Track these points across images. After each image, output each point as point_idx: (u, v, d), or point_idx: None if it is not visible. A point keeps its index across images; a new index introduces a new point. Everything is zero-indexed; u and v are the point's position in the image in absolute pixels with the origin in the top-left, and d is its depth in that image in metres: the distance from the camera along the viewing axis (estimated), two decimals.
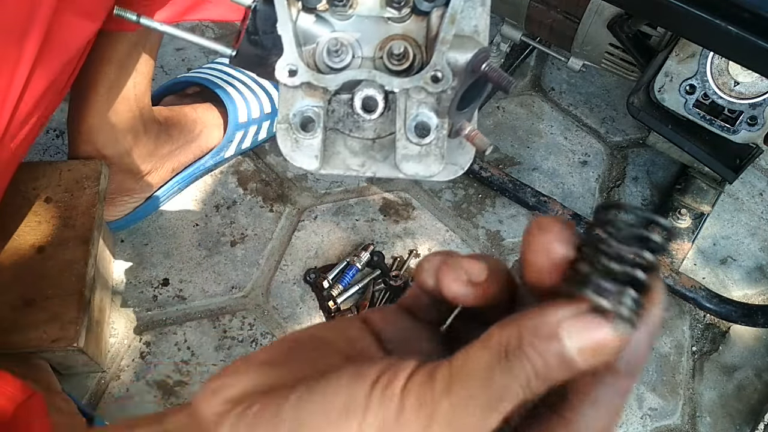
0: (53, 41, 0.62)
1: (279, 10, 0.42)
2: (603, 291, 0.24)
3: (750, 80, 0.87)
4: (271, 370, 0.28)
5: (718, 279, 1.16)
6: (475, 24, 0.45)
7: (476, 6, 0.45)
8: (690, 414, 1.05)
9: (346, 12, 0.44)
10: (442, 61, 0.42)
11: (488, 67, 0.42)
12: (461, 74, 0.43)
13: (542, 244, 0.26)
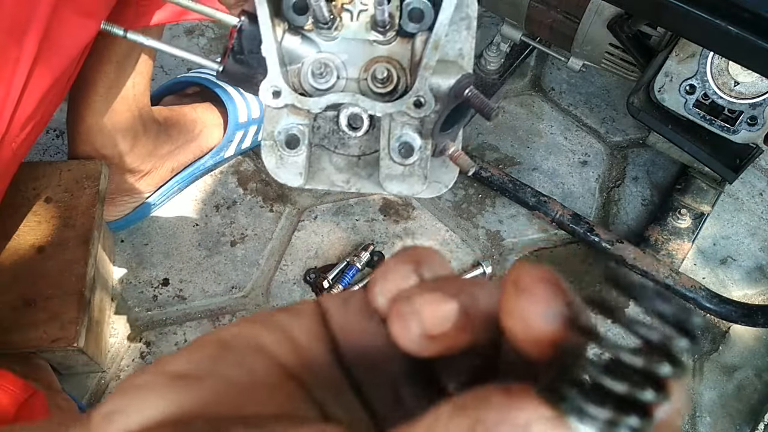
0: (54, 41, 0.62)
1: (264, 32, 0.42)
2: (587, 416, 0.18)
3: (750, 80, 0.87)
4: (187, 389, 0.21)
5: (718, 279, 1.16)
6: (459, 47, 0.45)
7: (461, 30, 0.45)
8: (690, 414, 1.05)
9: (331, 34, 0.44)
10: (424, 86, 0.42)
11: (471, 93, 0.42)
12: (444, 99, 0.43)
13: (519, 310, 0.20)
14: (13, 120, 0.61)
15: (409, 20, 0.44)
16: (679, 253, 1.12)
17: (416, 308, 0.21)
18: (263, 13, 0.41)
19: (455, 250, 1.15)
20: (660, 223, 1.14)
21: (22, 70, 0.60)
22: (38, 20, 0.59)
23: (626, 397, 0.19)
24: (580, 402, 0.18)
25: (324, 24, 0.43)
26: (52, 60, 0.63)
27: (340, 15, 0.44)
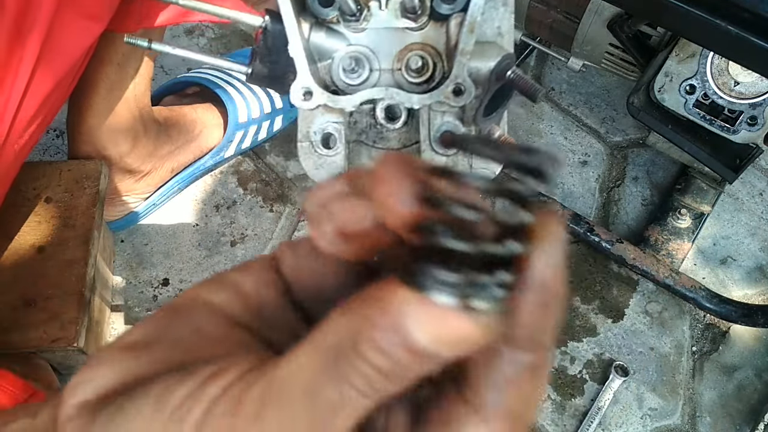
0: (56, 43, 0.62)
1: (289, 30, 0.39)
2: (444, 284, 0.18)
3: (750, 80, 0.87)
4: (139, 356, 0.23)
5: (718, 279, 1.16)
6: (498, 26, 0.42)
7: (498, 6, 0.42)
8: (690, 414, 1.05)
9: (359, 25, 0.42)
10: (463, 72, 0.39)
11: (514, 74, 0.40)
12: (485, 82, 0.40)
13: (379, 198, 0.21)
14: (15, 122, 0.61)
15: (442, 1, 0.41)
16: (679, 253, 1.12)
17: (329, 209, 0.22)
18: (287, 10, 0.39)
19: None
20: (660, 223, 1.14)
21: (24, 73, 0.59)
22: (40, 23, 0.59)
23: (481, 257, 0.19)
24: (431, 273, 0.18)
25: (351, 16, 0.41)
26: (55, 62, 0.63)
27: (368, 4, 0.41)
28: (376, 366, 0.18)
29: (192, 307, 0.24)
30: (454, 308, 0.18)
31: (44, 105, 0.64)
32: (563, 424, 1.02)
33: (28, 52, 0.59)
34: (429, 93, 0.40)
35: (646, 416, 1.03)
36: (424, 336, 0.18)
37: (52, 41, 0.61)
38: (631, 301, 1.12)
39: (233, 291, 0.25)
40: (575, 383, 1.05)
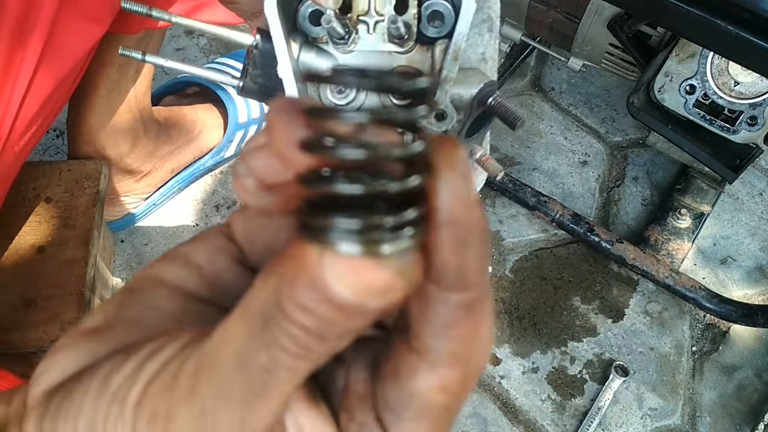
0: (57, 45, 0.62)
1: (278, 52, 0.40)
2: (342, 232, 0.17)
3: (750, 80, 0.87)
4: (97, 340, 0.23)
5: (718, 279, 1.16)
6: (482, 51, 0.43)
7: (483, 33, 0.43)
8: (690, 414, 1.05)
9: (347, 48, 0.42)
10: (445, 99, 0.40)
11: (495, 101, 0.40)
12: (467, 108, 0.41)
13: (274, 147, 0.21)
14: (16, 123, 0.61)
15: (428, 24, 0.41)
16: (679, 253, 1.12)
17: (249, 162, 0.22)
18: (277, 31, 0.39)
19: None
20: (660, 223, 1.14)
21: (26, 73, 0.59)
22: (42, 24, 0.59)
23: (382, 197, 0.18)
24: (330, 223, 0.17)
25: (339, 39, 0.41)
26: (56, 64, 0.63)
27: (356, 27, 0.42)
28: (303, 326, 0.18)
29: (148, 286, 0.24)
30: (363, 256, 0.17)
31: (45, 106, 0.64)
32: (563, 424, 1.02)
33: (30, 52, 0.59)
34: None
35: (646, 416, 1.03)
36: (344, 289, 0.17)
37: (53, 42, 0.61)
38: (631, 301, 1.12)
39: (186, 264, 0.24)
40: (575, 383, 1.05)
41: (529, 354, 1.07)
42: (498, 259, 1.15)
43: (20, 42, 0.58)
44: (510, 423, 1.01)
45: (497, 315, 1.10)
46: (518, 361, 1.06)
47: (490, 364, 1.06)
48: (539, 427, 1.02)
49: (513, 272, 1.14)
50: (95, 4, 0.65)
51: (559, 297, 1.12)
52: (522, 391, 1.04)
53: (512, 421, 1.02)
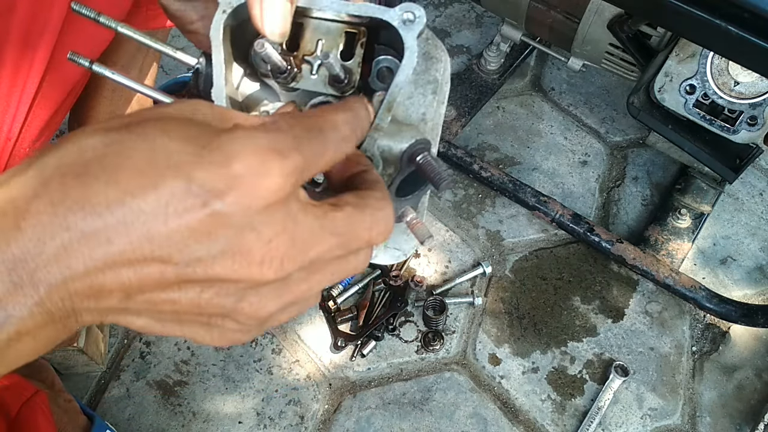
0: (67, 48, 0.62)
1: (216, 77, 0.40)
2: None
3: (750, 80, 0.88)
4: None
5: (718, 279, 1.16)
6: (423, 112, 0.43)
7: (427, 94, 0.43)
8: (690, 414, 1.05)
9: (288, 84, 0.42)
10: (372, 147, 0.39)
11: (423, 160, 0.40)
12: (395, 162, 0.41)
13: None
14: (25, 126, 0.61)
15: (378, 79, 0.42)
16: (679, 253, 1.12)
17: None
18: (217, 55, 0.40)
19: (455, 249, 1.15)
20: (660, 223, 1.14)
21: (35, 78, 0.59)
22: (51, 28, 0.58)
23: None
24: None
25: (281, 74, 0.41)
26: (66, 68, 0.63)
27: (300, 66, 0.42)
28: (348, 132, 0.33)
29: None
30: None
31: (58, 112, 0.65)
32: (563, 424, 1.02)
33: (39, 56, 0.59)
34: None
35: (646, 416, 1.03)
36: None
37: (63, 46, 0.61)
38: (631, 301, 1.12)
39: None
40: (575, 383, 1.05)
41: (529, 354, 1.07)
42: (498, 259, 1.15)
43: (30, 45, 0.58)
44: (510, 423, 1.01)
45: (497, 315, 1.10)
46: (518, 361, 1.06)
47: (490, 364, 1.06)
48: (539, 427, 1.02)
49: (513, 272, 1.14)
50: (103, 8, 0.65)
51: (559, 297, 1.12)
52: (522, 391, 1.04)
53: (512, 421, 1.02)
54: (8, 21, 0.55)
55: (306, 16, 0.42)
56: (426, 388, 1.03)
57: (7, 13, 0.55)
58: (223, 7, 0.39)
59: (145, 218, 0.26)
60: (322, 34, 0.42)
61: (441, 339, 1.06)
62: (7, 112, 0.57)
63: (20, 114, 0.59)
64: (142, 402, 0.99)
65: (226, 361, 1.03)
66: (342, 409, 1.01)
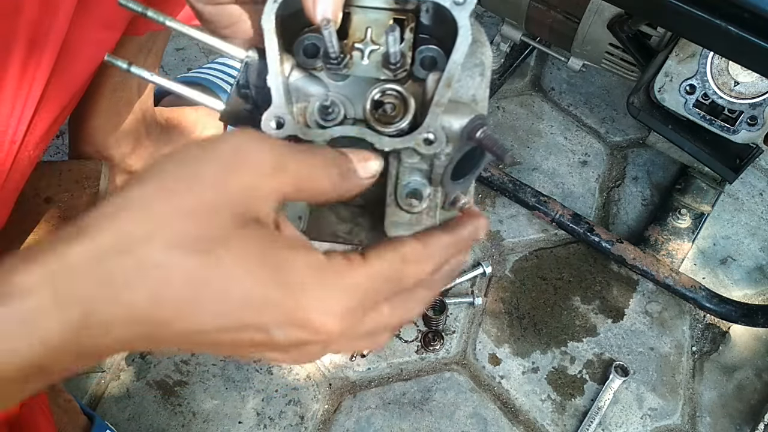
0: (72, 51, 0.62)
1: (270, 63, 0.40)
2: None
3: (750, 80, 0.88)
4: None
5: (718, 279, 1.16)
6: (473, 93, 0.44)
7: (475, 76, 0.44)
8: (690, 414, 1.05)
9: (340, 71, 0.43)
10: (435, 123, 0.40)
11: (483, 134, 0.40)
12: (455, 140, 0.41)
13: None
14: (31, 127, 0.61)
15: (422, 67, 0.43)
16: (679, 253, 1.12)
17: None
18: (271, 43, 0.40)
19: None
20: (660, 223, 1.14)
21: (40, 80, 0.59)
22: (57, 31, 0.58)
23: None
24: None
25: (334, 60, 0.42)
26: (71, 70, 0.63)
27: (351, 53, 0.43)
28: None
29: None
30: None
31: (63, 114, 0.65)
32: (563, 424, 1.02)
33: (45, 58, 0.58)
34: (400, 138, 0.41)
35: (646, 416, 1.03)
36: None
37: (68, 49, 0.61)
38: (631, 301, 1.13)
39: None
40: (575, 383, 1.05)
41: (529, 354, 1.07)
42: (498, 259, 1.15)
43: (36, 47, 0.57)
44: (510, 423, 1.01)
45: (497, 315, 1.10)
46: (518, 361, 1.06)
47: (490, 364, 1.06)
48: (539, 427, 1.02)
49: (513, 272, 1.14)
50: (109, 11, 0.65)
51: (559, 297, 1.12)
52: (522, 391, 1.04)
53: (512, 421, 1.02)
54: (15, 22, 0.55)
55: (352, 5, 0.42)
56: (426, 388, 1.03)
57: (13, 15, 0.55)
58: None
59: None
60: (370, 22, 0.43)
61: (441, 339, 1.06)
62: (12, 115, 0.57)
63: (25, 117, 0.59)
64: (142, 402, 0.99)
65: (226, 361, 1.03)
66: (342, 409, 1.01)
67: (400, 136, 0.41)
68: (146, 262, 0.30)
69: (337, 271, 0.34)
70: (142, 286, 0.30)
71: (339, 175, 0.36)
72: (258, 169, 0.32)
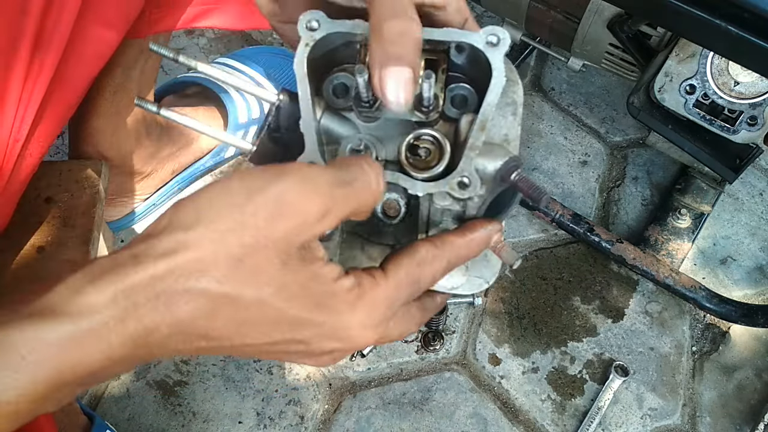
0: (77, 52, 0.62)
1: (303, 108, 0.40)
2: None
3: (750, 80, 0.88)
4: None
5: (718, 279, 1.16)
6: (505, 133, 0.44)
7: (507, 115, 0.44)
8: (690, 414, 1.05)
9: (372, 113, 0.43)
10: (470, 167, 0.40)
11: (519, 177, 0.40)
12: (489, 182, 0.41)
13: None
14: (36, 129, 0.61)
15: (452, 106, 0.43)
16: (679, 253, 1.12)
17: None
18: (304, 88, 0.40)
19: None
20: (660, 223, 1.14)
21: (44, 80, 0.59)
22: (63, 31, 0.58)
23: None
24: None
25: (365, 103, 0.41)
26: (76, 71, 0.63)
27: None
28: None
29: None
30: None
31: (66, 115, 0.65)
32: (563, 424, 1.02)
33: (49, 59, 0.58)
34: (435, 182, 0.40)
35: (646, 416, 1.03)
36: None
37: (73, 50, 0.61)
38: (631, 301, 1.12)
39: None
40: (575, 383, 1.05)
41: (529, 354, 1.07)
42: None
43: (41, 47, 0.57)
44: (510, 423, 1.01)
45: (497, 315, 1.10)
46: (518, 361, 1.06)
47: (490, 364, 1.06)
48: (539, 427, 1.02)
49: (513, 272, 1.14)
50: (112, 11, 0.65)
51: (559, 297, 1.12)
52: (522, 391, 1.04)
53: (512, 421, 1.02)
54: (20, 23, 0.55)
55: None
56: (426, 388, 1.03)
57: (18, 15, 0.55)
58: (306, 41, 0.40)
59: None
60: None
61: (441, 339, 1.06)
62: (16, 114, 0.57)
63: (29, 116, 0.59)
64: (142, 402, 0.99)
65: (226, 361, 1.03)
66: (342, 409, 1.01)
67: (433, 180, 0.41)
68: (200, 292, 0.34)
69: (365, 290, 0.38)
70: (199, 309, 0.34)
71: (381, 193, 0.38)
72: (302, 217, 0.35)
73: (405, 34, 0.37)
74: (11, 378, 0.32)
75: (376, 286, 0.38)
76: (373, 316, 0.38)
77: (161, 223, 0.36)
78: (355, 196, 0.37)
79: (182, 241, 0.34)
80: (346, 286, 0.37)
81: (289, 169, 0.36)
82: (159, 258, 0.34)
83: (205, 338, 0.35)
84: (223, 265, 0.34)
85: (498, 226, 0.42)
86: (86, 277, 0.34)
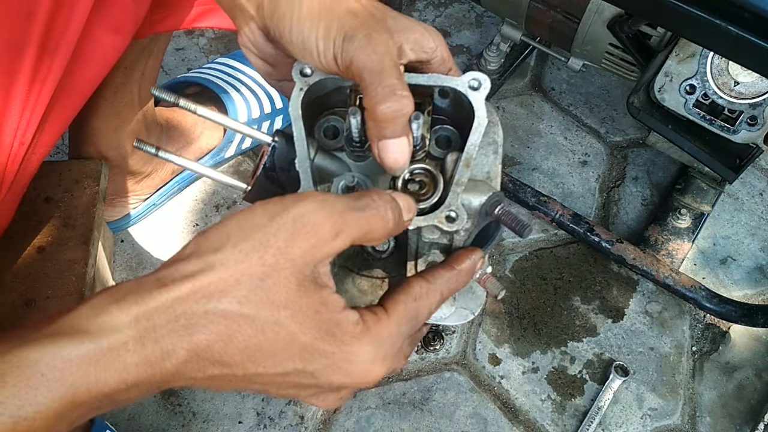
0: (84, 56, 0.62)
1: (298, 147, 0.43)
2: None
3: (750, 80, 0.87)
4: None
5: (718, 279, 1.16)
6: (487, 170, 0.46)
7: (489, 154, 0.46)
8: (690, 414, 1.05)
9: (363, 152, 0.45)
10: (456, 201, 0.42)
11: (502, 210, 0.43)
12: (474, 216, 0.44)
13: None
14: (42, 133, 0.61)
15: (437, 146, 0.45)
16: (679, 253, 1.12)
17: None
18: (299, 130, 0.43)
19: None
20: (660, 223, 1.14)
21: (51, 84, 0.59)
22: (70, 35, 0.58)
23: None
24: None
25: (356, 143, 0.44)
26: (82, 78, 0.63)
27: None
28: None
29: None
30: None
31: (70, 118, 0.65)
32: (563, 424, 1.02)
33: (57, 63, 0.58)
34: (423, 216, 0.43)
35: (646, 416, 1.03)
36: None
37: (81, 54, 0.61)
38: (631, 301, 1.12)
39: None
40: (575, 383, 1.05)
41: (529, 354, 1.07)
42: (498, 259, 1.15)
43: (47, 52, 0.57)
44: (510, 423, 1.01)
45: (497, 315, 1.10)
46: (518, 361, 1.06)
47: (490, 364, 1.06)
48: (539, 427, 1.02)
49: (513, 272, 1.14)
50: (120, 16, 0.65)
51: (559, 297, 1.12)
52: (522, 391, 1.04)
53: (512, 421, 1.02)
54: (27, 27, 0.55)
55: None
56: (426, 388, 1.03)
57: (26, 20, 0.55)
58: (300, 86, 0.43)
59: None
60: None
61: (441, 339, 1.06)
62: (22, 117, 0.57)
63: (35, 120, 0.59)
64: (142, 402, 0.99)
65: None
66: (342, 409, 1.01)
67: (422, 215, 0.43)
68: (219, 313, 0.35)
69: (369, 327, 0.40)
70: (216, 333, 0.35)
71: (393, 222, 0.40)
72: (318, 236, 0.37)
73: (397, 113, 0.41)
74: (30, 395, 0.32)
75: (379, 322, 0.40)
76: (380, 351, 0.39)
77: (187, 249, 0.37)
78: (366, 221, 0.39)
79: (210, 263, 0.36)
80: (352, 320, 0.39)
81: (306, 195, 0.38)
82: (183, 280, 0.35)
83: (219, 364, 0.36)
84: (246, 286, 0.36)
85: (480, 253, 0.44)
86: (110, 297, 0.35)
